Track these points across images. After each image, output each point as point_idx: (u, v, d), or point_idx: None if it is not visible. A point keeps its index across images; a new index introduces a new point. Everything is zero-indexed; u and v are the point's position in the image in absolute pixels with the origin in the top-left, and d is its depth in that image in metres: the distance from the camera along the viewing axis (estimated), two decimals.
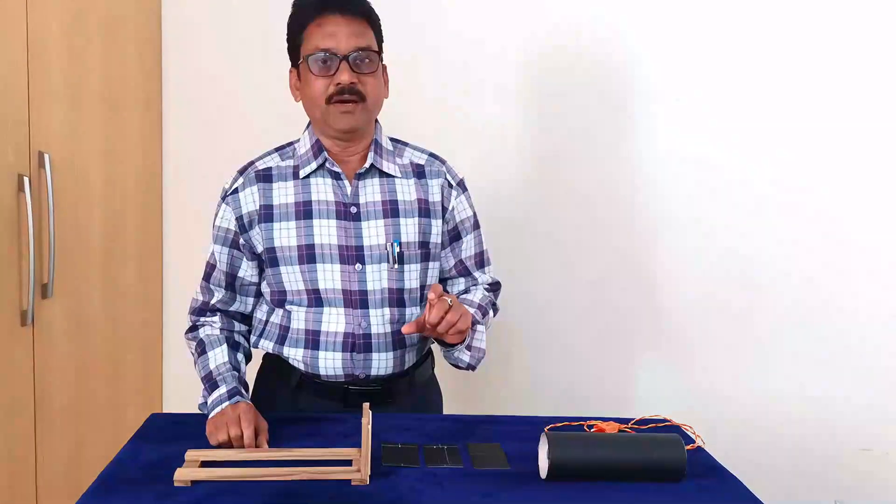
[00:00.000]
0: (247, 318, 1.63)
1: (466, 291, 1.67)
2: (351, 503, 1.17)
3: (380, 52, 1.54)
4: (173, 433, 1.41)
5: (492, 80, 2.33)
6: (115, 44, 2.15)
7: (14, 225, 1.82)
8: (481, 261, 1.68)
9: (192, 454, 1.30)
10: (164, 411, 2.40)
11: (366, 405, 1.28)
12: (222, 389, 1.46)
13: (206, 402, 1.48)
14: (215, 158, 2.33)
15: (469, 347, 1.56)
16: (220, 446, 1.36)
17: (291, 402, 1.57)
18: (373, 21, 1.52)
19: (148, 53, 2.30)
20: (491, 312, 1.67)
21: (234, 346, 1.57)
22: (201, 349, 1.55)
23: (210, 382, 1.50)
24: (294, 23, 1.53)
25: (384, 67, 1.56)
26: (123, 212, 2.24)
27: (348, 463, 1.29)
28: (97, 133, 2.11)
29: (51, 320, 1.96)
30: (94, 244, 2.13)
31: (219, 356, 1.53)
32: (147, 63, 2.30)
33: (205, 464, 1.28)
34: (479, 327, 1.59)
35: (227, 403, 1.43)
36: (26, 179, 1.81)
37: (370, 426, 1.25)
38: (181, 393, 2.44)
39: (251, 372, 1.63)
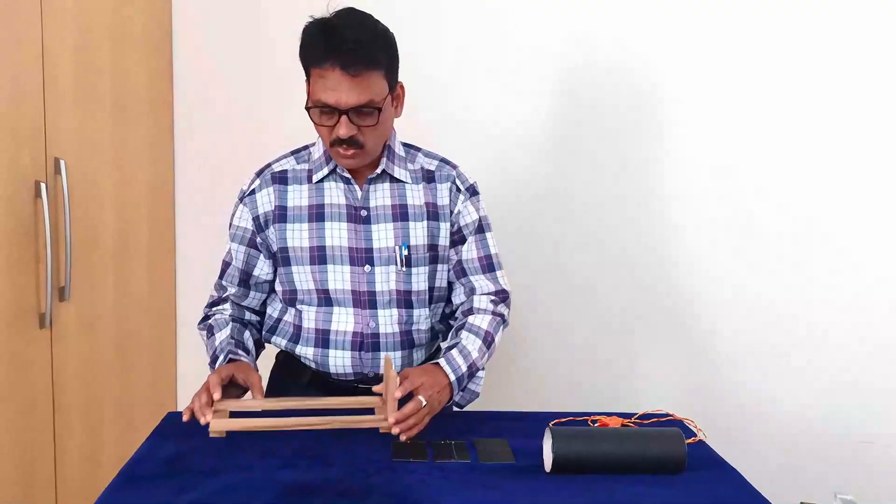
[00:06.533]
0: (257, 312, 1.68)
1: (470, 311, 1.61)
2: (363, 495, 1.21)
3: (391, 90, 1.47)
4: (190, 430, 1.45)
5: (510, 84, 2.34)
6: (125, 50, 2.19)
7: (31, 230, 1.86)
8: (485, 265, 1.63)
9: (220, 405, 1.37)
10: (179, 410, 2.43)
11: (387, 356, 1.40)
12: (220, 359, 1.52)
13: None
14: (226, 162, 2.37)
15: (463, 389, 1.56)
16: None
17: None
18: (379, 66, 1.42)
19: (158, 59, 2.33)
20: (498, 336, 1.61)
21: (242, 325, 1.62)
22: (210, 332, 1.60)
23: (214, 360, 1.55)
24: (302, 56, 1.47)
25: (401, 86, 1.52)
26: (136, 215, 2.28)
27: (371, 411, 1.37)
28: (109, 138, 2.15)
29: (68, 322, 2.01)
30: (108, 247, 2.17)
31: (223, 334, 1.57)
32: (157, 68, 2.33)
33: (233, 414, 1.33)
34: (480, 373, 1.59)
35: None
36: (43, 185, 1.86)
37: (395, 374, 1.34)
38: (194, 392, 2.48)
39: (265, 370, 1.66)
